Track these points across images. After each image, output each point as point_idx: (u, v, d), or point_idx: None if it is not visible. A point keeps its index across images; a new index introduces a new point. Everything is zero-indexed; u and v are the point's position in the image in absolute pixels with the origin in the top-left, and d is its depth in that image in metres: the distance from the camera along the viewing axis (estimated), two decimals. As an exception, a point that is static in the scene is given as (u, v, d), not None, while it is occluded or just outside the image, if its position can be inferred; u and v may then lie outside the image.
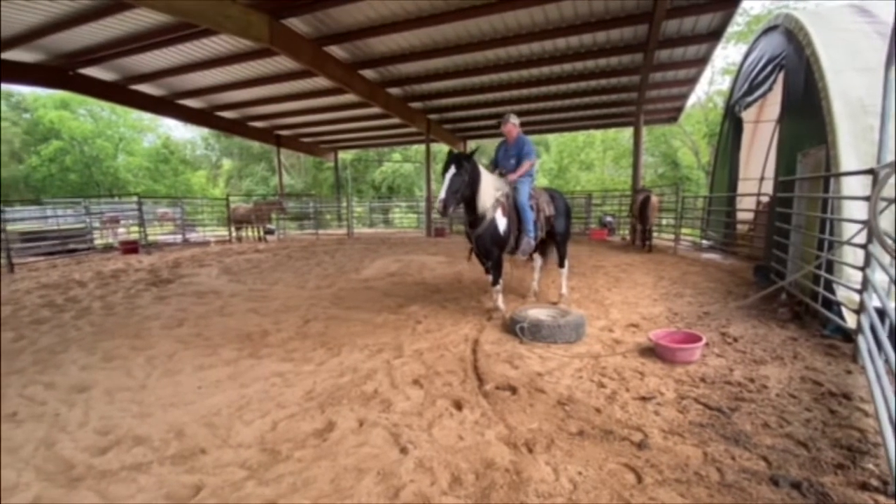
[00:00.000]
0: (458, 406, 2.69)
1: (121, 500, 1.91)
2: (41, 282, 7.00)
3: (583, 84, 11.47)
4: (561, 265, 5.28)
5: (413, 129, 15.28)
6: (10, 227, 9.37)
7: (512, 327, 3.98)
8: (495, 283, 4.69)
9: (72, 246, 10.77)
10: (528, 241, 4.68)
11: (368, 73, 10.80)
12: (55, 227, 12.00)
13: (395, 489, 1.92)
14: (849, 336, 3.49)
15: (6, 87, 25.40)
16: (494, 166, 4.99)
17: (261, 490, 1.94)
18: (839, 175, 4.04)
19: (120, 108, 26.20)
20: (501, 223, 4.51)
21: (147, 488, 1.98)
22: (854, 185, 3.95)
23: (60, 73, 10.42)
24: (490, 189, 4.44)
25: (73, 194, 24.79)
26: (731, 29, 16.41)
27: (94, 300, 5.71)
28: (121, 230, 13.77)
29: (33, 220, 13.28)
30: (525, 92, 12.09)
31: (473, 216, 4.45)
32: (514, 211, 4.63)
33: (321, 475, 2.03)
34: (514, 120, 4.79)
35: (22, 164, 27.69)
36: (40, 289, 6.44)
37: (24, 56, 9.57)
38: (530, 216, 4.67)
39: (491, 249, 4.54)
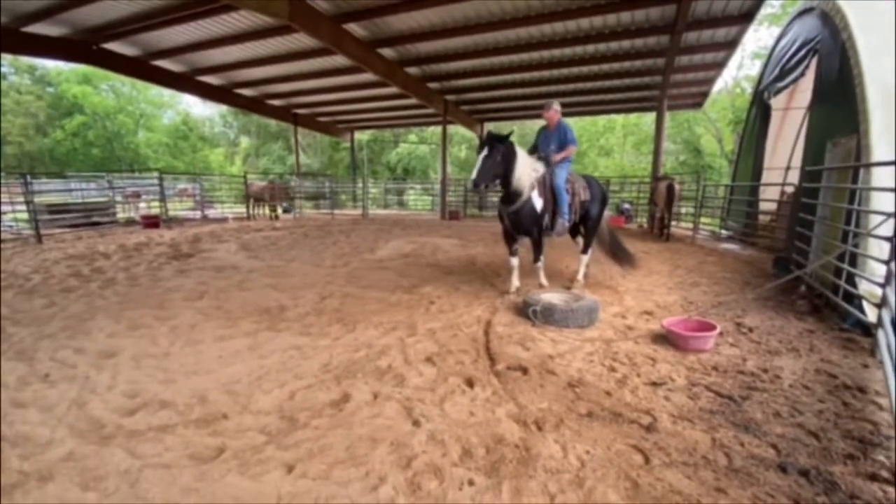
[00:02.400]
0: (470, 384, 2.75)
1: (149, 458, 2.02)
2: (68, 252, 7.23)
3: (605, 66, 11.17)
4: (584, 251, 5.36)
5: (430, 111, 15.14)
6: (37, 198, 9.65)
7: (525, 310, 4.01)
8: (536, 259, 5.00)
9: (96, 219, 11.05)
10: (563, 222, 4.87)
11: (387, 52, 10.69)
12: (80, 201, 12.31)
13: (408, 459, 1.99)
14: (868, 330, 3.43)
15: (31, 59, 25.82)
16: (533, 151, 5.10)
17: (280, 454, 2.03)
18: (869, 165, 3.91)
19: (140, 84, 26.48)
20: (538, 202, 4.68)
21: (173, 448, 2.09)
22: (884, 176, 3.82)
23: (84, 47, 10.54)
24: (527, 169, 4.60)
25: (95, 169, 25.32)
26: (765, 11, 15.76)
27: (118, 271, 5.90)
28: (142, 205, 14.06)
29: (59, 192, 13.63)
30: (545, 74, 11.84)
31: (508, 193, 4.60)
32: (551, 192, 4.79)
33: (337, 443, 2.11)
34: (557, 106, 4.99)
35: (47, 138, 28.31)
36: (67, 259, 6.67)
37: (48, 30, 9.69)
38: (566, 198, 4.84)
39: (530, 228, 4.75)
